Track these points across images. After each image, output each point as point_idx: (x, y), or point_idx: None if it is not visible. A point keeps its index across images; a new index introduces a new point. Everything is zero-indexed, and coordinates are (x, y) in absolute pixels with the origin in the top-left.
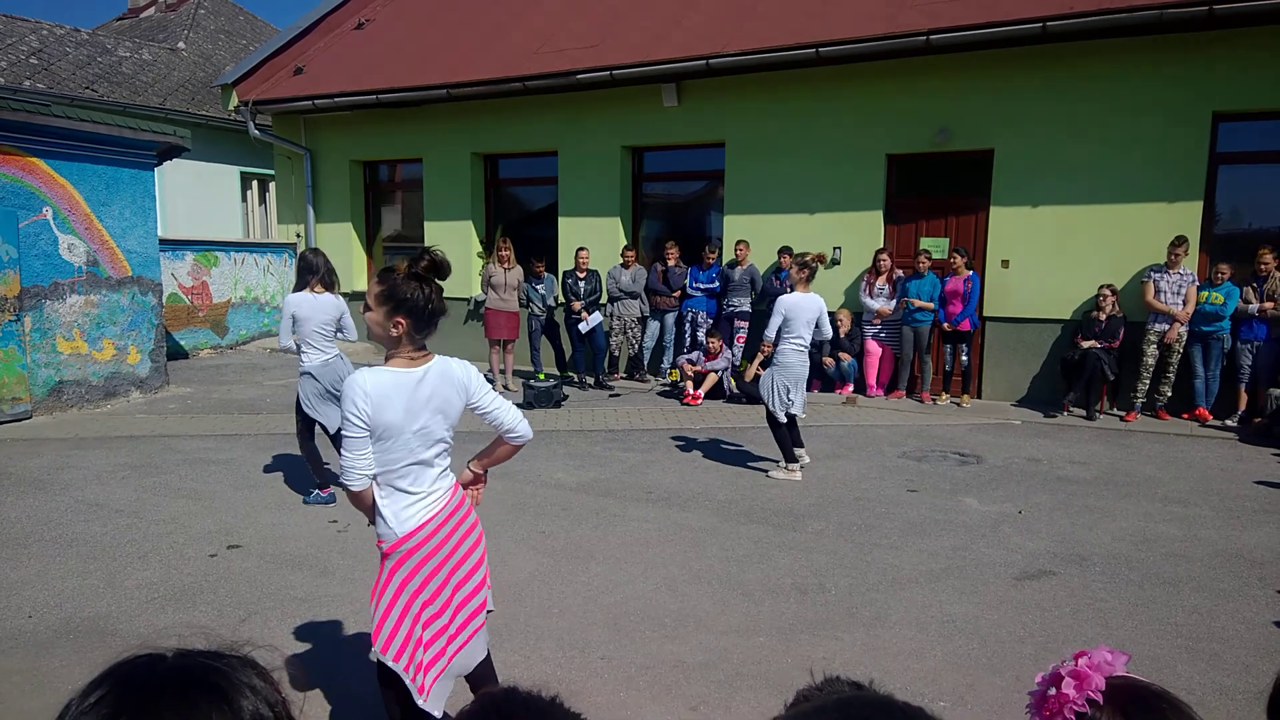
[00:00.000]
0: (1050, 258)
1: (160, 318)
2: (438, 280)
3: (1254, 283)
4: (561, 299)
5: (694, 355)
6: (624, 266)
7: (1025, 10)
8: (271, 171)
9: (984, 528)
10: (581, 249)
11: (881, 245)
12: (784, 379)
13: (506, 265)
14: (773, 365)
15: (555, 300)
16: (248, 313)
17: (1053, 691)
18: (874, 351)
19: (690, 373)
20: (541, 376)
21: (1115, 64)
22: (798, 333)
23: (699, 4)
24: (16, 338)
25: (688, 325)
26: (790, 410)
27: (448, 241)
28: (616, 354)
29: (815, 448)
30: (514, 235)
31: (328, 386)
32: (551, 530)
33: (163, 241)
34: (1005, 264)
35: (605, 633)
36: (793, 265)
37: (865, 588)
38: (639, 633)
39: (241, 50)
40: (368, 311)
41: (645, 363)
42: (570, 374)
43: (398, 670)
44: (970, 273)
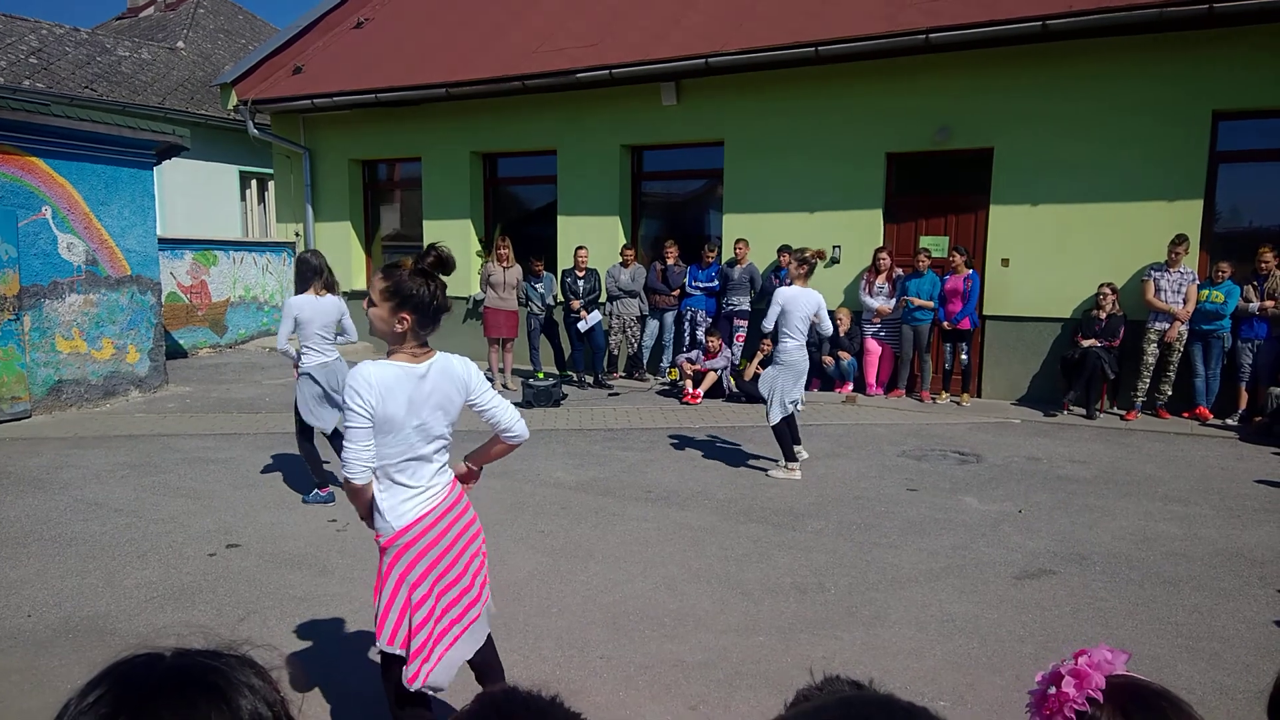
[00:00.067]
0: (1050, 256)
1: (159, 317)
2: (442, 276)
3: (1254, 281)
4: (560, 298)
5: (693, 354)
6: (623, 265)
7: (1025, 9)
8: (270, 170)
9: (984, 527)
10: (581, 248)
11: (881, 244)
12: (788, 376)
13: (505, 264)
14: (775, 364)
15: (554, 299)
16: (247, 312)
17: (1053, 690)
18: (874, 350)
19: (689, 371)
20: (540, 375)
21: (1115, 62)
22: (795, 328)
23: (698, 3)
24: (16, 337)
25: (687, 324)
26: (789, 403)
27: (447, 240)
28: (615, 353)
29: (815, 447)
30: (513, 234)
31: (327, 388)
32: (550, 529)
33: (162, 240)
34: (1005, 263)
35: (604, 632)
36: (792, 261)
37: (865, 587)
38: (638, 632)
39: (240, 49)
40: (372, 307)
41: (644, 362)
42: (569, 373)
43: (399, 654)
44: (970, 271)
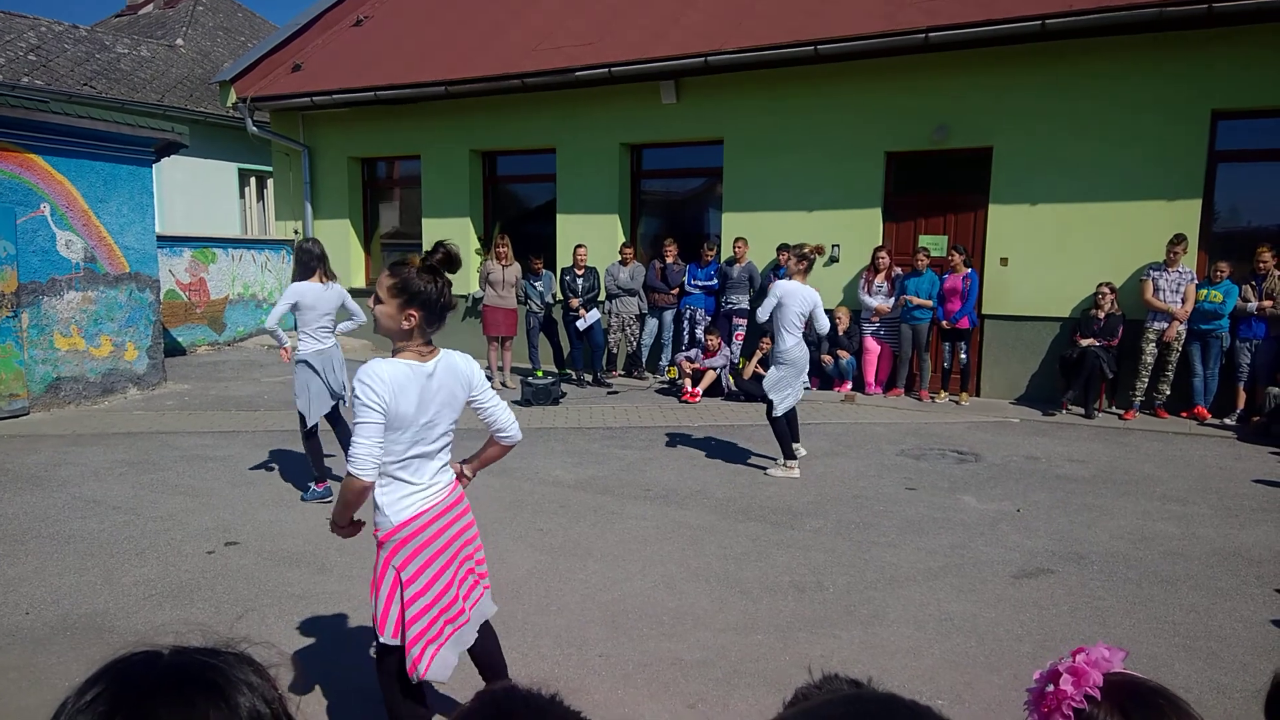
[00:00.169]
0: (1049, 255)
1: (158, 314)
2: (449, 274)
3: (1253, 281)
4: (560, 296)
5: (692, 353)
6: (622, 264)
7: (1024, 8)
8: (269, 168)
9: (982, 526)
10: (580, 246)
11: (880, 243)
12: (792, 374)
13: (505, 262)
14: (777, 363)
15: (553, 297)
16: (245, 309)
17: (1051, 688)
18: (872, 349)
19: (688, 370)
20: (540, 374)
21: (1114, 61)
22: (792, 323)
23: (697, 2)
24: (14, 334)
25: (686, 322)
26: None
27: (446, 238)
28: (615, 351)
29: (814, 445)
30: (512, 232)
31: (323, 374)
32: (549, 528)
33: (160, 238)
34: (1004, 262)
35: (603, 630)
36: (791, 257)
37: (863, 586)
38: (637, 630)
39: (240, 47)
40: (379, 304)
41: (643, 360)
42: (568, 371)
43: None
44: (969, 270)
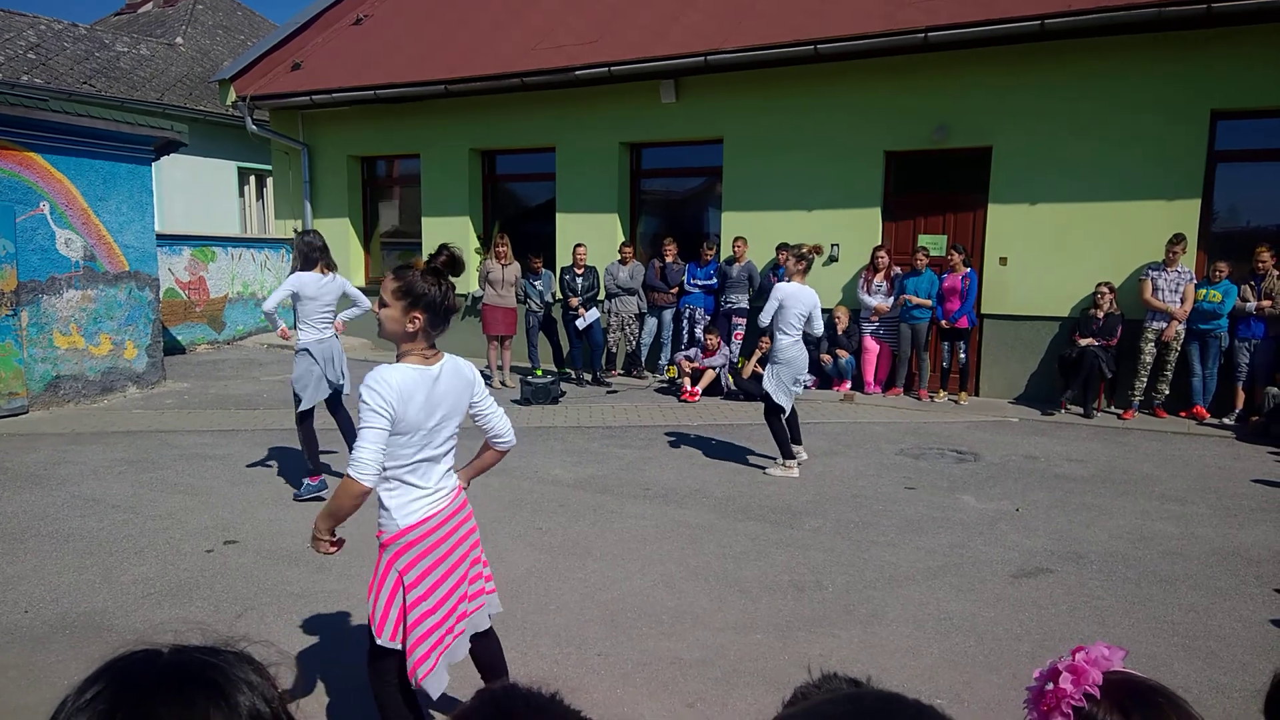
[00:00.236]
0: (1048, 255)
1: (157, 313)
2: (452, 277)
3: (1252, 281)
4: (559, 295)
5: (691, 352)
6: (622, 263)
7: (1023, 8)
8: (269, 167)
9: (981, 525)
10: (579, 245)
11: (880, 242)
12: (788, 374)
13: (504, 261)
14: (773, 362)
15: (553, 296)
16: (245, 308)
17: (1050, 686)
18: (871, 349)
19: (688, 369)
20: (539, 373)
21: (1114, 61)
22: (791, 324)
23: (697, 1)
24: (13, 332)
25: (685, 322)
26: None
27: (445, 237)
28: (614, 350)
29: (813, 445)
30: (512, 231)
31: (323, 363)
32: (549, 526)
33: (160, 236)
34: (1003, 261)
35: (602, 629)
36: (790, 257)
37: (862, 585)
38: (636, 629)
39: (239, 46)
40: (384, 308)
41: (643, 359)
42: (568, 370)
43: (396, 648)
44: (968, 270)
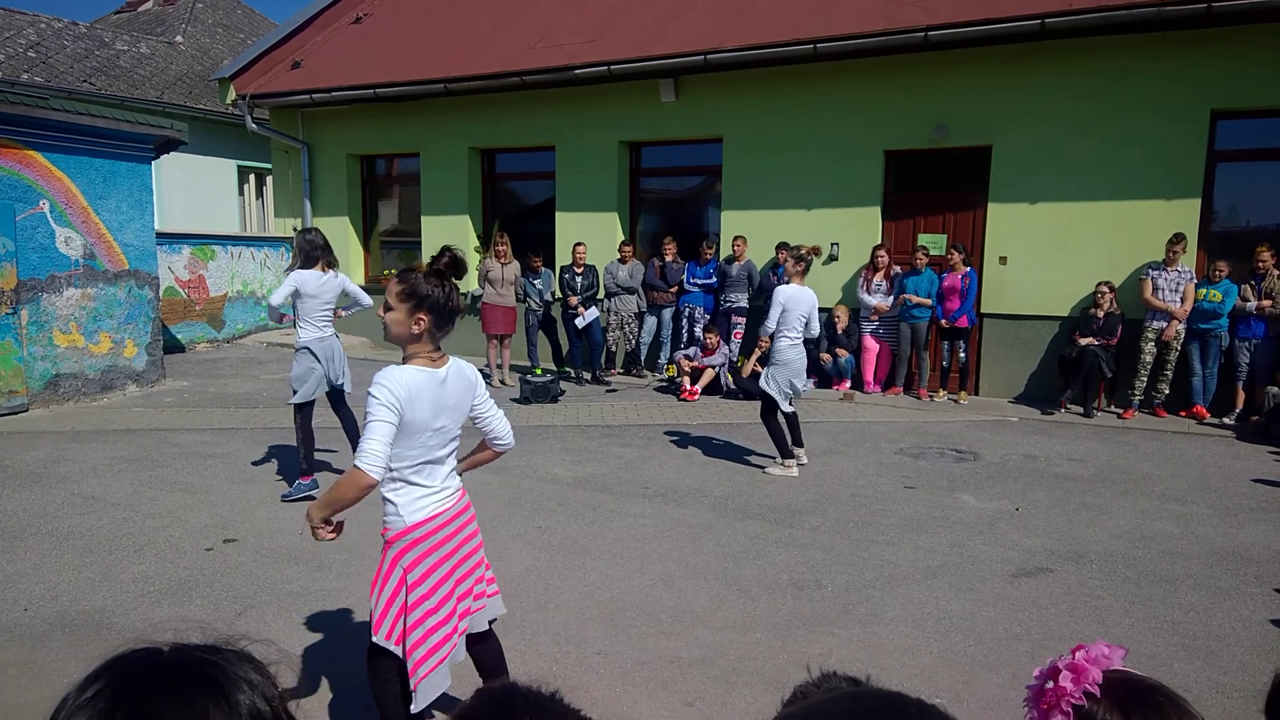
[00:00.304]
0: (1048, 254)
1: (157, 311)
2: (455, 278)
3: (1252, 280)
4: (559, 294)
5: (691, 351)
6: (621, 262)
7: (1023, 7)
8: (269, 165)
9: (981, 525)
10: (579, 244)
11: (879, 241)
12: (785, 375)
13: (504, 260)
14: (771, 364)
15: (552, 295)
16: (244, 306)
17: (1050, 685)
18: (871, 348)
19: (687, 368)
20: (538, 372)
21: (1114, 61)
22: (792, 326)
23: (697, 0)
24: (13, 330)
25: (685, 321)
26: (795, 390)
27: (445, 236)
28: (613, 349)
29: (812, 444)
30: (511, 230)
31: (324, 361)
32: (548, 525)
33: (160, 235)
34: (1003, 261)
35: (601, 628)
36: (789, 259)
37: (862, 584)
38: (635, 628)
39: (239, 44)
40: (389, 311)
41: (642, 358)
42: (567, 369)
43: (398, 653)
44: (968, 269)
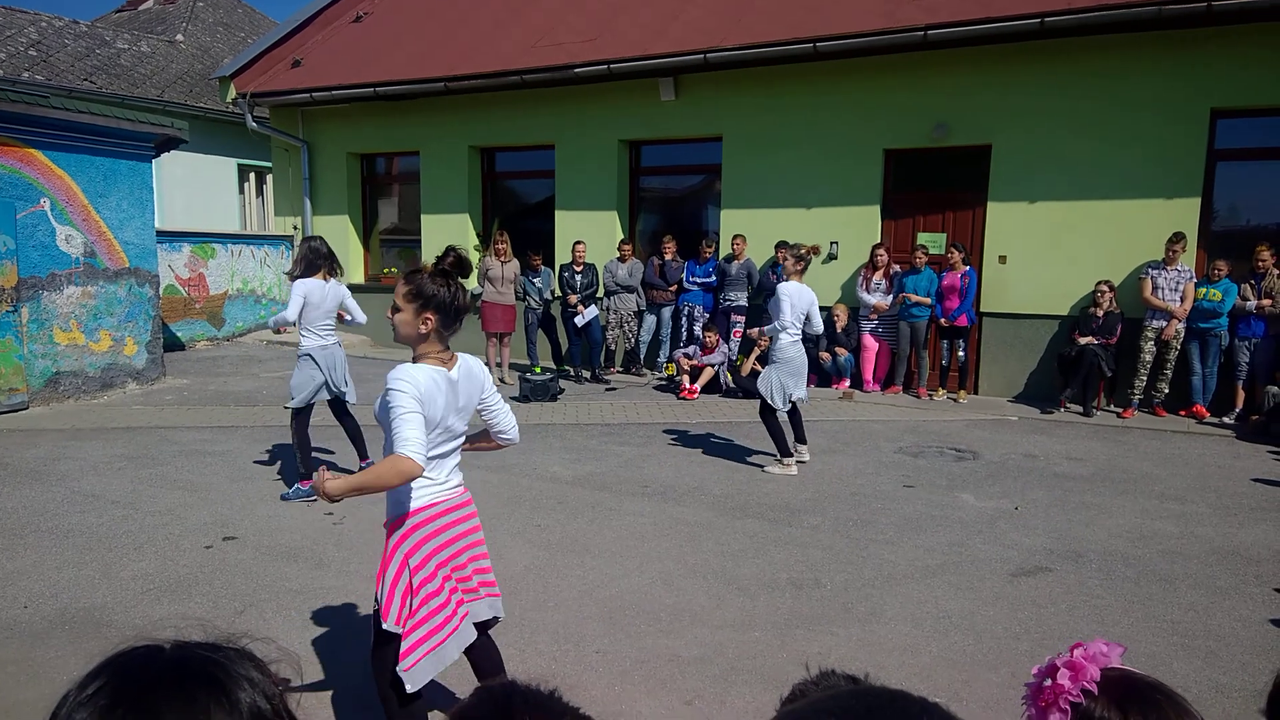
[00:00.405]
0: (1048, 253)
1: (157, 309)
2: (460, 278)
3: (1252, 280)
4: (558, 292)
5: (690, 349)
6: (621, 260)
7: (1023, 6)
8: (269, 164)
9: (980, 524)
10: (578, 242)
11: (879, 240)
12: (785, 373)
13: (503, 258)
14: (772, 362)
15: (552, 294)
16: (244, 305)
17: (1048, 682)
18: (870, 347)
19: (686, 367)
20: (538, 370)
21: (1114, 60)
22: (793, 323)
23: None
24: (14, 328)
25: (684, 319)
26: (793, 397)
27: (445, 234)
28: (613, 348)
29: (812, 443)
30: (511, 228)
31: (325, 370)
32: (547, 524)
33: (160, 233)
34: (1003, 260)
35: (601, 626)
36: (788, 258)
37: (861, 583)
38: (634, 627)
39: (239, 43)
40: (397, 313)
41: (641, 357)
42: (566, 368)
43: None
44: (967, 268)
